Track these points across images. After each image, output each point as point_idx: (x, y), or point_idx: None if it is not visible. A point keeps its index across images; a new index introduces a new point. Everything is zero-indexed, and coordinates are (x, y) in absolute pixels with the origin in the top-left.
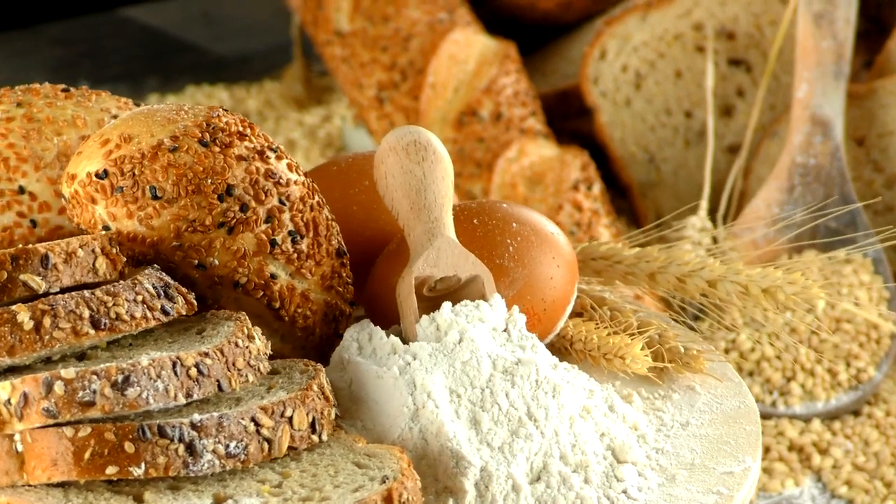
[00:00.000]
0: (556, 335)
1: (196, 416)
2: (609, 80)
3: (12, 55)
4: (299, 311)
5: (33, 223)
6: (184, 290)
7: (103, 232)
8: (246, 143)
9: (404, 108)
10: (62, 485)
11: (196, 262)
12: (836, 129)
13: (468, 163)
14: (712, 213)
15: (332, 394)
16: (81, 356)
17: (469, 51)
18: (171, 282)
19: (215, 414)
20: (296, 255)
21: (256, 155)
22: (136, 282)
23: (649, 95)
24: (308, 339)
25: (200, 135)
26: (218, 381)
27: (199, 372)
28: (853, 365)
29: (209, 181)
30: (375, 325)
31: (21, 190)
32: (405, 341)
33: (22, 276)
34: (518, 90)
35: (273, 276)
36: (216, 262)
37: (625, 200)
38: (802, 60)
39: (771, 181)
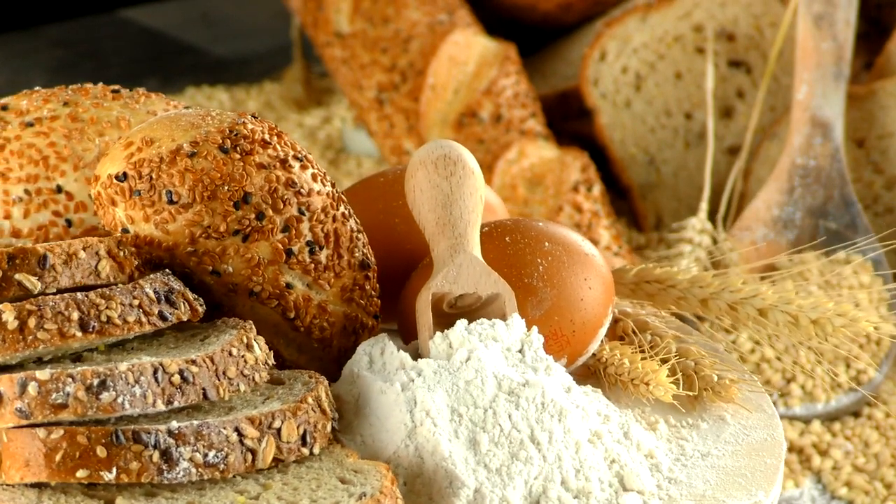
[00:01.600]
0: (589, 357)
1: (174, 424)
2: (609, 81)
3: (12, 56)
4: (315, 322)
5: (68, 223)
6: (191, 296)
7: (120, 234)
8: (269, 151)
9: (404, 109)
10: (39, 485)
11: (210, 268)
12: (836, 130)
13: None
14: (712, 214)
15: (333, 407)
16: (78, 358)
17: (469, 52)
18: (179, 287)
19: (195, 422)
20: (313, 265)
21: (278, 163)
22: (137, 286)
23: (649, 97)
24: (325, 351)
25: (221, 141)
26: (204, 389)
27: (183, 379)
28: (853, 366)
29: (226, 188)
30: (402, 339)
31: (58, 189)
32: (417, 357)
33: (17, 276)
34: (518, 92)
35: (289, 286)
36: (230, 269)
37: (625, 202)
38: (802, 62)
39: (771, 182)
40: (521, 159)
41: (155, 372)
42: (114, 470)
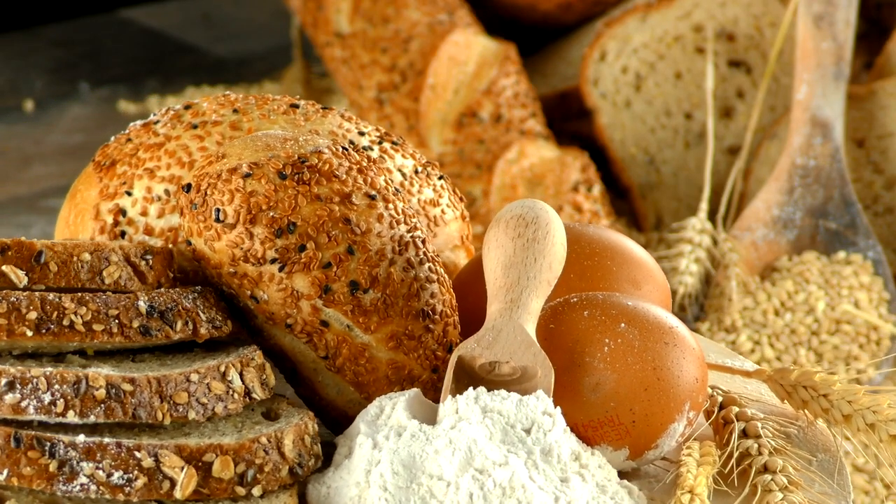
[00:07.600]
0: (662, 453)
1: (81, 437)
2: (609, 81)
3: (12, 56)
4: (349, 364)
5: None
6: (205, 317)
7: (185, 245)
8: (333, 184)
9: (404, 109)
10: None
11: (249, 292)
12: (836, 130)
13: (468, 164)
14: (712, 214)
15: (306, 452)
16: (62, 358)
17: (469, 52)
18: (191, 306)
19: (106, 439)
20: (351, 306)
21: (339, 198)
22: (130, 297)
23: (649, 97)
24: (363, 396)
25: (282, 167)
26: (135, 409)
27: (110, 395)
28: (853, 366)
29: (270, 214)
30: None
31: None
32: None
33: (4, 267)
34: (518, 91)
35: (324, 323)
36: (266, 297)
37: (625, 202)
38: (802, 62)
39: (771, 183)
40: (521, 159)
41: (76, 383)
42: (5, 472)
